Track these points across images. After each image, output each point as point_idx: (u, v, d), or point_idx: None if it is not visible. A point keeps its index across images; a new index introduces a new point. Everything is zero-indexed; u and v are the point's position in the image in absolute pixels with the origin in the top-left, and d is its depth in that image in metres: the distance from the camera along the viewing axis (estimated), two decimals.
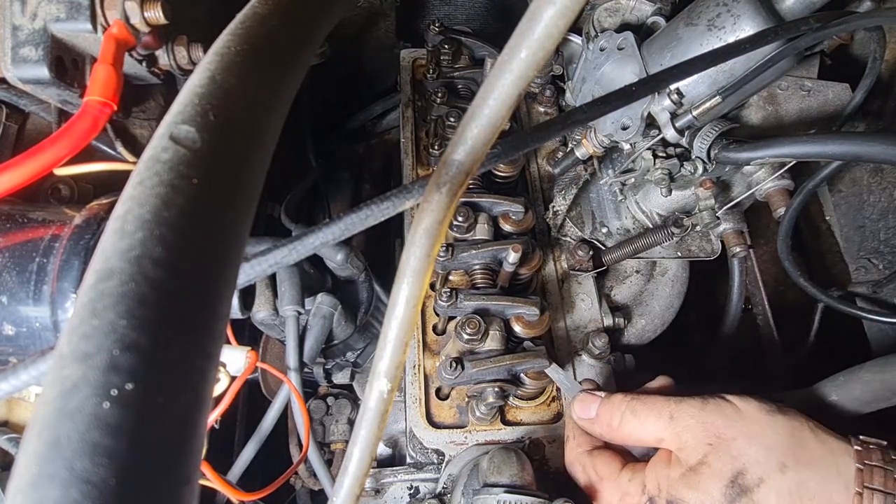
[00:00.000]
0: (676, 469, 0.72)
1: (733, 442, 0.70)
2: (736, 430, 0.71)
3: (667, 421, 0.75)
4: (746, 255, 1.10)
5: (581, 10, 0.41)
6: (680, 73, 0.79)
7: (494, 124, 0.43)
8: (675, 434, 0.74)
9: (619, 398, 0.81)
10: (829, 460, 0.67)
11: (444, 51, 1.24)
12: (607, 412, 0.81)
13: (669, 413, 0.75)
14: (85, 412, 0.28)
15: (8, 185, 0.72)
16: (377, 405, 0.48)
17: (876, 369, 0.75)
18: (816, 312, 1.17)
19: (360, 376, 1.24)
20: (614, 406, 0.81)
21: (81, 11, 0.75)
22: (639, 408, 0.78)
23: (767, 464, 0.68)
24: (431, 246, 0.46)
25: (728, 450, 0.70)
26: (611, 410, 0.81)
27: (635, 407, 0.79)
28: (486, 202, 1.00)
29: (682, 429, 0.73)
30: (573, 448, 0.85)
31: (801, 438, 0.69)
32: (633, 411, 0.79)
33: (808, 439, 0.69)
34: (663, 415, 0.75)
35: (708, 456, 0.70)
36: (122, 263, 0.32)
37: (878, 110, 1.21)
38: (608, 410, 0.81)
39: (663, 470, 0.74)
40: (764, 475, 0.68)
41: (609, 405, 0.82)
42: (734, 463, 0.69)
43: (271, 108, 0.46)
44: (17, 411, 0.94)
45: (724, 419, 0.72)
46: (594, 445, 0.84)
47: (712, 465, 0.70)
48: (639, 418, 0.78)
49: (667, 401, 0.77)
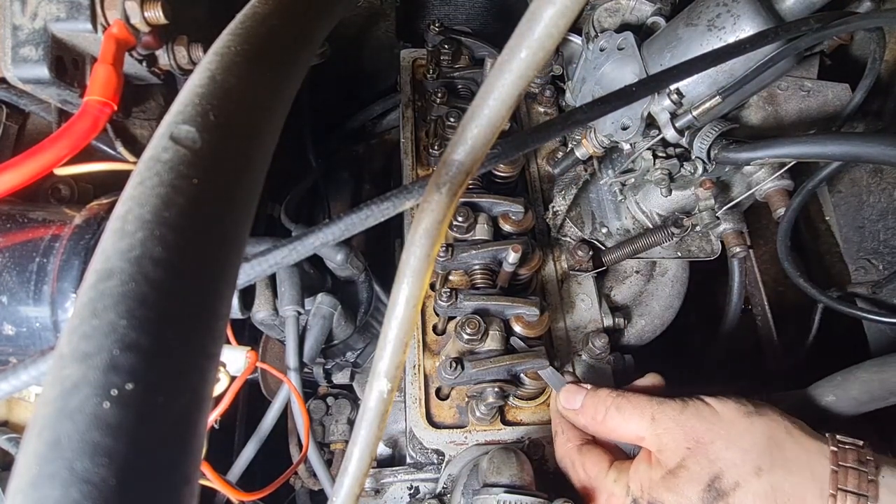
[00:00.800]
0: (657, 471, 0.73)
1: (711, 445, 0.71)
2: (713, 433, 0.72)
3: (648, 421, 0.76)
4: (746, 255, 1.10)
5: (581, 10, 0.41)
6: (680, 73, 0.79)
7: (494, 124, 0.43)
8: (656, 436, 0.74)
9: (605, 392, 0.82)
10: (804, 462, 0.68)
11: (444, 51, 1.24)
12: (592, 405, 0.82)
13: (651, 414, 0.76)
14: (85, 412, 0.28)
15: (8, 185, 0.72)
16: (377, 405, 0.48)
17: (873, 369, 0.75)
18: (816, 312, 1.17)
19: (360, 376, 1.24)
20: (600, 400, 0.81)
21: (81, 11, 0.75)
22: (623, 405, 0.79)
23: (743, 467, 0.69)
24: (431, 246, 0.46)
25: (706, 453, 0.71)
26: (596, 404, 0.81)
27: (620, 403, 0.79)
28: (486, 202, 1.00)
29: (662, 430, 0.74)
30: (563, 443, 0.85)
31: (777, 440, 0.70)
32: (617, 407, 0.79)
33: (784, 441, 0.70)
34: (646, 415, 0.76)
35: (686, 459, 0.71)
36: (123, 263, 0.32)
37: (878, 110, 1.21)
38: (593, 403, 0.82)
39: (646, 472, 0.75)
40: (740, 479, 0.68)
41: (595, 398, 0.82)
42: (711, 467, 0.70)
43: (271, 108, 0.46)
44: (17, 411, 0.94)
45: (703, 422, 0.73)
46: (583, 440, 0.84)
47: (690, 468, 0.70)
48: (623, 415, 0.78)
49: (650, 401, 0.77)
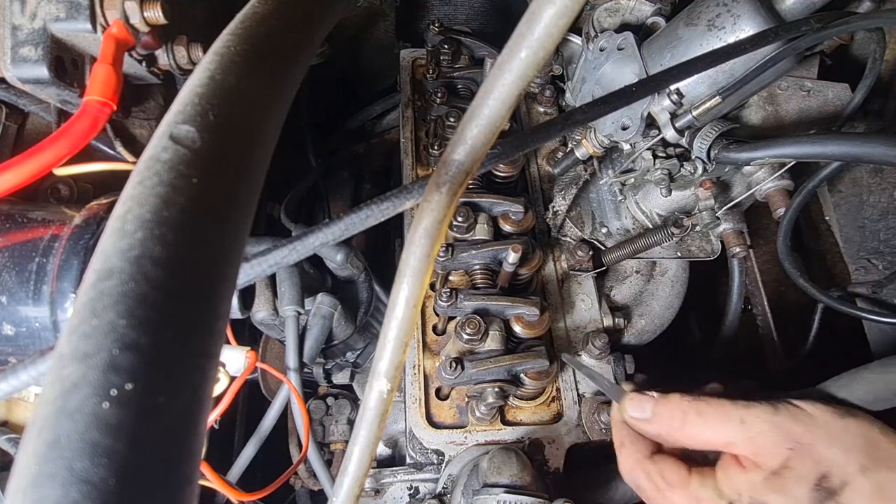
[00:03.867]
0: (756, 473, 0.72)
1: (812, 446, 0.70)
2: (812, 434, 0.71)
3: (737, 425, 0.73)
4: (746, 255, 1.10)
5: (581, 10, 0.41)
6: (680, 73, 0.79)
7: (494, 124, 0.43)
8: (749, 439, 0.72)
9: (678, 398, 0.78)
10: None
11: (443, 51, 1.24)
12: (667, 412, 0.78)
13: (739, 417, 0.73)
14: (85, 412, 0.28)
15: (8, 184, 0.72)
16: (377, 405, 0.48)
17: (879, 370, 0.75)
18: (816, 312, 1.17)
19: (360, 376, 1.24)
20: (675, 406, 0.78)
21: (81, 11, 0.75)
22: (705, 410, 0.76)
23: (848, 466, 0.68)
24: (431, 246, 0.46)
25: (809, 454, 0.70)
26: (672, 410, 0.78)
27: (701, 409, 0.76)
28: (486, 202, 1.00)
29: (755, 433, 0.72)
30: (631, 454, 0.81)
31: (873, 440, 0.70)
32: (698, 412, 0.76)
33: (879, 440, 0.70)
34: (733, 418, 0.74)
35: (790, 460, 0.70)
36: (122, 263, 0.32)
37: (878, 110, 1.21)
38: (668, 410, 0.78)
39: (740, 475, 0.73)
40: (846, 477, 0.68)
41: (669, 405, 0.78)
42: (817, 467, 0.69)
43: (271, 107, 0.46)
44: (17, 411, 0.94)
45: (799, 424, 0.72)
46: (651, 451, 0.81)
47: (795, 468, 0.70)
48: (705, 421, 0.75)
49: (734, 404, 0.75)
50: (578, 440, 0.95)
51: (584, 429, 0.96)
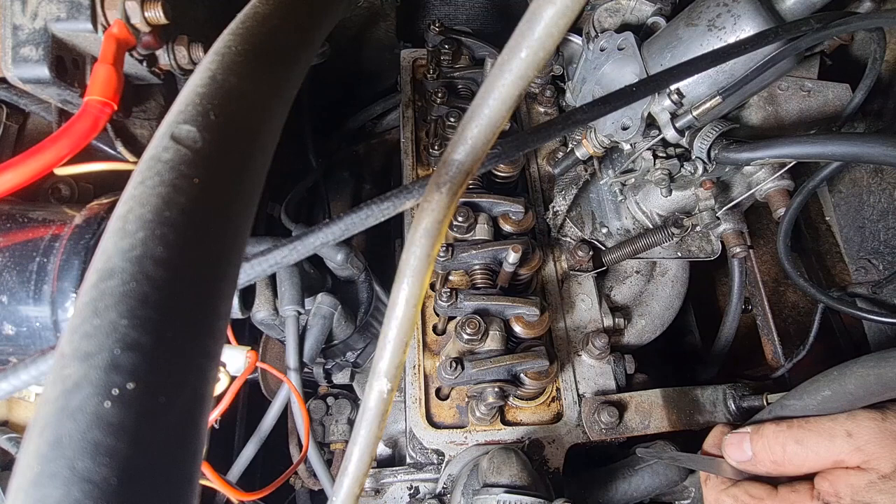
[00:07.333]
0: (861, 477, 0.72)
1: None
2: None
3: (844, 439, 0.73)
4: (746, 255, 1.10)
5: (581, 10, 0.41)
6: (680, 73, 0.79)
7: (494, 124, 0.43)
8: (857, 448, 0.72)
9: (773, 429, 0.79)
10: None
11: (444, 51, 1.25)
12: (766, 449, 0.79)
13: (845, 431, 0.73)
14: (86, 411, 0.28)
15: (8, 184, 0.72)
16: (377, 405, 0.48)
17: (871, 364, 0.75)
18: (816, 312, 1.17)
19: (360, 376, 1.24)
20: (772, 440, 0.78)
21: (82, 11, 0.75)
22: (804, 437, 0.76)
23: None
24: (431, 246, 0.46)
25: None
26: (770, 446, 0.78)
27: (800, 436, 0.76)
28: (486, 202, 1.00)
29: (864, 442, 0.72)
30: (716, 485, 0.83)
31: None
32: (797, 441, 0.76)
33: None
34: (837, 435, 0.74)
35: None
36: (124, 263, 0.32)
37: (878, 110, 1.21)
38: (767, 447, 0.79)
39: (840, 478, 0.73)
40: None
41: (764, 440, 0.79)
42: None
43: (272, 107, 0.46)
44: (18, 411, 0.94)
45: None
46: (735, 479, 0.83)
47: None
48: (806, 447, 0.75)
49: (834, 420, 0.75)
50: (578, 440, 0.95)
51: (584, 429, 0.96)
